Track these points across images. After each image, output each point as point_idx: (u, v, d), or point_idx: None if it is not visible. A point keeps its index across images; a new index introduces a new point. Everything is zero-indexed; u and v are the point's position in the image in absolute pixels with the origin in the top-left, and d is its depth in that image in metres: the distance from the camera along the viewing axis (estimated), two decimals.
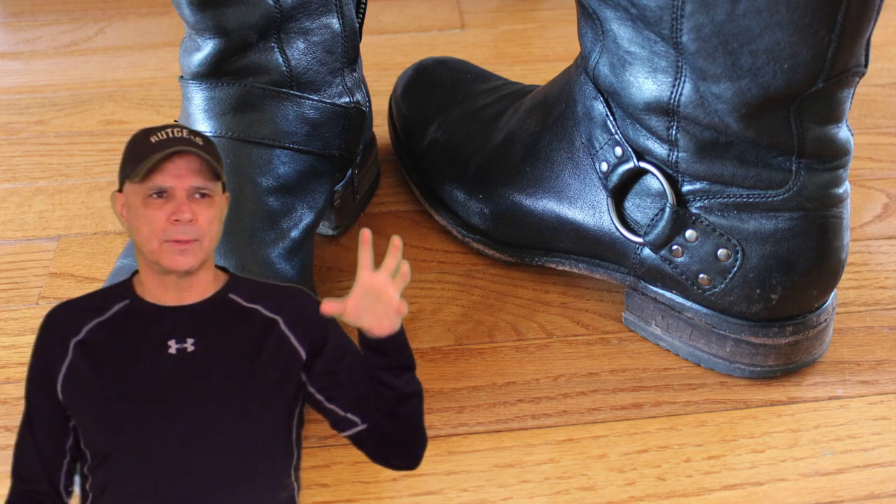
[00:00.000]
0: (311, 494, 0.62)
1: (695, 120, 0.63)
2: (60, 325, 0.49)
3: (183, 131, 0.49)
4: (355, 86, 0.76)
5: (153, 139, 0.48)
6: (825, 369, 0.70)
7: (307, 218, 0.72)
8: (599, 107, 0.69)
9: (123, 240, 0.81)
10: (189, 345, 0.48)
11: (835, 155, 0.64)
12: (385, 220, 0.84)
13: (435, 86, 0.86)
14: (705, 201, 0.66)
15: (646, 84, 0.64)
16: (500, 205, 0.76)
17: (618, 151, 0.68)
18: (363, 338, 0.47)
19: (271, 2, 0.69)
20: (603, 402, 0.68)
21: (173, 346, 0.48)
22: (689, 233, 0.66)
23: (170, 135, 0.48)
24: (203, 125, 0.70)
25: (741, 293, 0.66)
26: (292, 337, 0.49)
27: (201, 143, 0.48)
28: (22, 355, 0.71)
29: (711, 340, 0.69)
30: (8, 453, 0.65)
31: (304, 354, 0.49)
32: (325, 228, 0.81)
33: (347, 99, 0.75)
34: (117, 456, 0.47)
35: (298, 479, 0.50)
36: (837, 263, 0.66)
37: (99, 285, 0.75)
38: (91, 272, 0.79)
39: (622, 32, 0.64)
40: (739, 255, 0.65)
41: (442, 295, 0.76)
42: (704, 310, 0.68)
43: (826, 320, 0.68)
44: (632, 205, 0.69)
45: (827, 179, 0.64)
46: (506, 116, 0.79)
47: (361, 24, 0.76)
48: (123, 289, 0.50)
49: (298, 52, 0.71)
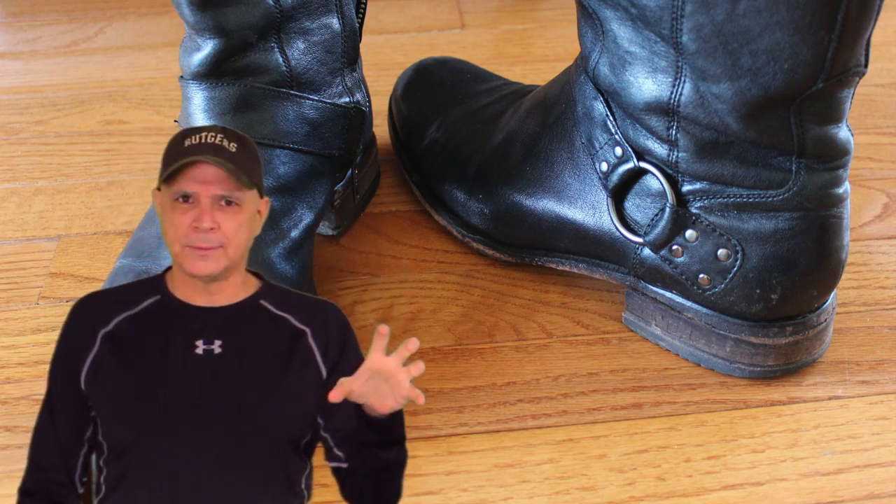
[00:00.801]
0: (312, 494, 0.62)
1: (695, 120, 0.63)
2: (89, 315, 0.48)
3: (217, 136, 0.47)
4: (355, 86, 0.76)
5: (187, 142, 0.47)
6: (825, 369, 0.70)
7: (307, 218, 0.72)
8: (599, 107, 0.69)
9: (123, 240, 0.81)
10: (216, 346, 0.47)
11: (835, 155, 0.64)
12: (385, 220, 0.84)
13: (435, 86, 0.86)
14: (705, 201, 0.66)
15: (646, 84, 0.64)
16: (500, 205, 0.76)
17: (618, 151, 0.68)
18: (360, 412, 0.47)
19: (271, 2, 0.69)
20: (603, 402, 0.68)
21: (200, 347, 0.47)
22: (689, 233, 0.66)
23: (203, 139, 0.47)
24: (203, 125, 0.70)
25: (741, 293, 0.66)
26: (317, 351, 0.48)
27: (234, 150, 0.47)
28: (22, 355, 0.71)
29: (711, 340, 0.69)
30: (8, 453, 0.65)
31: (325, 372, 0.48)
32: (325, 228, 0.81)
33: (347, 99, 0.75)
34: (135, 451, 0.46)
35: (309, 487, 0.50)
36: (837, 263, 0.66)
37: (99, 285, 0.75)
38: (91, 272, 0.79)
39: (622, 32, 0.64)
40: (739, 255, 0.65)
41: (442, 295, 0.76)
42: (704, 310, 0.68)
43: (826, 320, 0.69)
44: (632, 205, 0.69)
45: (827, 179, 0.64)
46: (506, 116, 0.79)
47: (361, 24, 0.76)
48: (155, 284, 0.49)
49: (298, 52, 0.71)
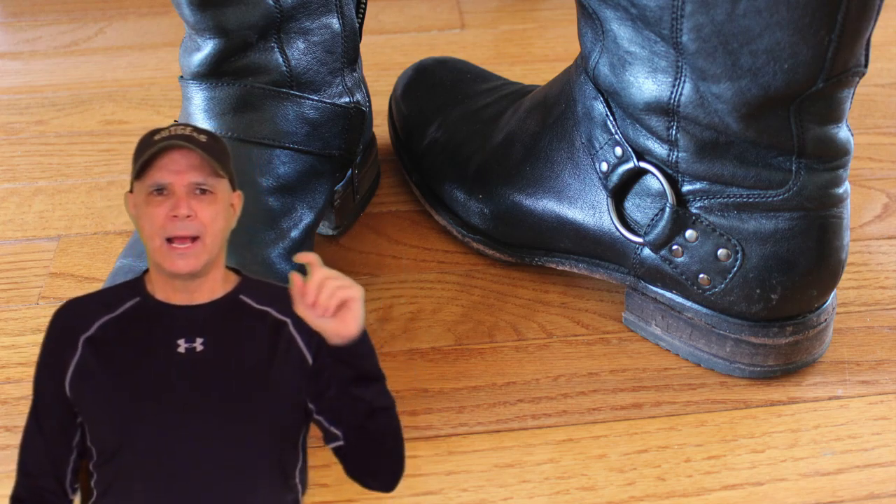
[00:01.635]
0: (312, 494, 0.62)
1: (695, 120, 0.63)
2: (70, 322, 0.49)
3: (187, 129, 0.48)
4: (355, 86, 0.76)
5: (157, 137, 0.48)
6: (825, 369, 0.70)
7: (307, 218, 0.72)
8: (599, 107, 0.69)
9: (123, 240, 0.81)
10: (198, 344, 0.48)
11: (835, 155, 0.64)
12: (385, 220, 0.84)
13: (435, 86, 0.86)
14: (705, 201, 0.66)
15: (646, 84, 0.64)
16: (500, 205, 0.76)
17: (618, 151, 0.68)
18: (328, 349, 0.47)
19: (271, 2, 0.69)
20: (603, 402, 0.68)
21: (182, 346, 0.47)
22: (689, 233, 0.66)
23: (172, 132, 0.48)
24: (203, 125, 0.70)
25: (741, 293, 0.66)
26: (300, 340, 0.49)
27: (204, 140, 0.48)
28: (22, 355, 0.71)
29: (711, 340, 0.69)
30: (8, 453, 0.65)
31: (311, 360, 0.48)
32: (325, 228, 0.81)
33: (347, 99, 0.75)
34: (124, 453, 0.46)
35: (304, 481, 0.50)
36: (837, 263, 0.66)
37: (99, 285, 0.75)
38: (91, 272, 0.79)
39: (622, 32, 0.64)
40: (739, 255, 0.65)
41: (442, 295, 0.76)
42: (704, 310, 0.68)
43: (826, 320, 0.68)
44: (632, 205, 0.69)
45: (827, 179, 0.64)
46: (506, 116, 0.79)
47: (361, 24, 0.76)
48: (134, 286, 0.49)
49: (298, 52, 0.71)
